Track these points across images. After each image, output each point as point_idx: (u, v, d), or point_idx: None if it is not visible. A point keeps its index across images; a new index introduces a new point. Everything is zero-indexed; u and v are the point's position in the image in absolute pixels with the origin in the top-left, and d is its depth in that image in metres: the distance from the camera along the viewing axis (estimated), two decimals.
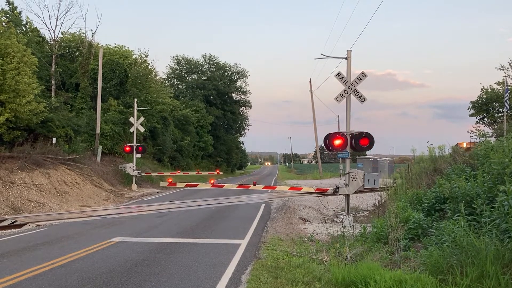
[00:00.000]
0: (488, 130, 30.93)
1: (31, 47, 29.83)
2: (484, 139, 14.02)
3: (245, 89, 58.50)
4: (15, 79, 23.40)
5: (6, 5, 35.16)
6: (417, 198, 12.01)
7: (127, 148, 28.94)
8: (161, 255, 9.47)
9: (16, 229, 13.24)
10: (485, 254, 6.27)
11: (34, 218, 14.91)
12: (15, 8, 35.64)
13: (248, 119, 63.19)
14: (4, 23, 28.11)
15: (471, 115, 37.38)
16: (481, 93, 35.87)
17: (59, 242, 10.97)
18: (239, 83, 58.13)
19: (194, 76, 55.26)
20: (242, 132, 66.57)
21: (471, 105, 37.05)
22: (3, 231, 12.86)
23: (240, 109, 58.47)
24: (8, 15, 33.53)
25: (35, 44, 33.30)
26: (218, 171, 36.45)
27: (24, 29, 35.58)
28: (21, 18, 35.99)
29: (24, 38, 29.36)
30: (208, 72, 55.45)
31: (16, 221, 14.19)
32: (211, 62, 56.43)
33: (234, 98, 57.05)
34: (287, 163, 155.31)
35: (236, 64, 59.57)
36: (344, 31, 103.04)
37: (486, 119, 36.27)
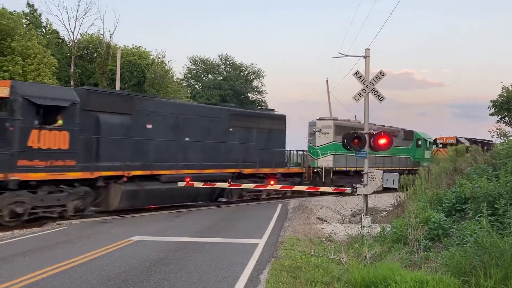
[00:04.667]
0: (510, 129, 30.32)
1: (50, 48, 30.36)
2: (505, 138, 13.75)
3: (261, 89, 58.51)
4: (35, 80, 23.79)
5: (26, 7, 35.82)
6: (437, 198, 11.86)
7: None
8: (180, 254, 9.51)
9: (37, 228, 13.44)
10: (509, 255, 6.14)
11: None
12: (35, 10, 36.28)
13: None
14: (25, 25, 28.60)
15: (492, 114, 36.76)
16: (502, 92, 35.25)
17: (79, 240, 11.11)
18: (255, 83, 58.20)
19: (210, 76, 55.48)
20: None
21: (492, 104, 36.44)
22: (24, 230, 13.07)
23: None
24: (28, 18, 34.13)
25: (54, 46, 33.85)
26: None
27: (44, 31, 36.19)
28: (41, 20, 36.65)
29: (44, 40, 29.89)
30: (225, 72, 55.63)
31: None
32: (227, 62, 56.59)
33: (251, 98, 57.08)
34: None
35: (252, 64, 59.44)
36: (361, 30, 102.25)
37: (507, 118, 35.63)
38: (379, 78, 13.09)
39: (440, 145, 38.00)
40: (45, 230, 13.11)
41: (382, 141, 12.76)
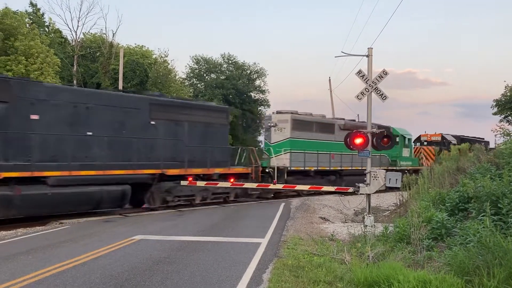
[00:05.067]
0: None
1: (53, 47, 30.41)
2: (509, 137, 13.71)
3: (263, 88, 58.39)
4: (38, 79, 23.83)
5: (29, 7, 35.90)
6: (440, 197, 11.82)
7: None
8: (182, 253, 9.52)
9: (40, 227, 13.48)
10: None
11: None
12: (39, 10, 36.37)
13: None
14: (28, 25, 28.67)
15: (495, 114, 36.68)
16: (505, 91, 35.16)
17: (82, 239, 11.13)
18: (257, 82, 58.02)
19: (213, 75, 55.39)
20: (261, 131, 66.45)
21: (495, 103, 36.35)
22: (27, 228, 13.10)
23: (259, 108, 58.41)
24: (31, 17, 34.20)
25: (57, 45, 33.90)
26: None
27: (47, 30, 36.28)
28: (44, 20, 36.72)
29: (47, 39, 29.96)
30: (227, 72, 55.54)
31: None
32: (230, 62, 56.49)
33: (253, 97, 56.97)
34: None
35: (255, 63, 59.32)
36: (364, 29, 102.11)
37: (510, 117, 35.54)
38: (382, 77, 13.08)
39: (425, 143, 36.50)
40: (48, 229, 13.14)
41: (386, 140, 12.75)
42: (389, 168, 27.96)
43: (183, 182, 16.47)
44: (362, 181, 19.70)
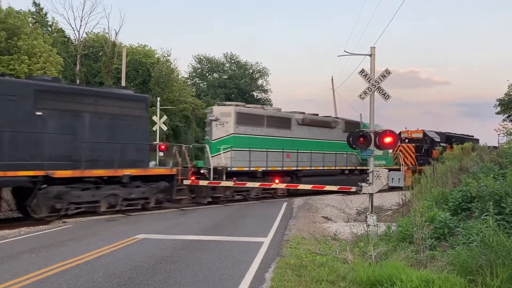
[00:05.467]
0: None
1: (56, 47, 30.47)
2: None
3: (266, 88, 58.43)
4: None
5: (32, 6, 35.97)
6: (443, 197, 11.80)
7: (162, 147, 28.04)
8: (185, 252, 9.53)
9: (43, 226, 13.51)
10: None
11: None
12: (41, 9, 36.42)
13: None
14: (31, 24, 28.73)
15: (498, 113, 36.51)
16: (508, 90, 35.01)
17: (85, 238, 11.16)
18: (260, 81, 58.09)
19: (215, 75, 55.46)
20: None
21: (498, 102, 36.20)
22: (30, 227, 13.14)
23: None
24: (34, 16, 34.26)
25: (60, 44, 33.97)
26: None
27: (50, 29, 36.33)
28: (47, 19, 36.77)
29: (50, 39, 30.00)
30: (229, 71, 55.60)
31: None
32: (232, 61, 56.55)
33: (255, 96, 57.01)
34: None
35: (257, 63, 59.30)
36: (367, 28, 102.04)
37: None
38: (385, 76, 13.06)
39: (406, 140, 34.28)
40: (51, 228, 13.18)
41: (388, 139, 12.73)
42: (357, 168, 26.27)
43: (185, 182, 16.43)
44: (324, 182, 19.16)
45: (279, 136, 22.15)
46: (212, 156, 19.60)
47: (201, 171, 19.36)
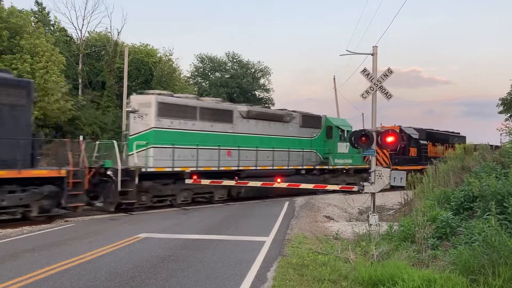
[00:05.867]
0: None
1: (59, 46, 30.55)
2: None
3: (268, 87, 58.41)
4: (43, 78, 23.97)
5: (35, 5, 36.05)
6: (445, 196, 11.79)
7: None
8: (187, 251, 9.55)
9: (46, 224, 13.54)
10: None
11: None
12: (44, 8, 36.53)
13: None
14: (33, 24, 28.79)
15: (500, 112, 36.38)
16: (511, 90, 34.91)
17: (87, 237, 11.18)
18: (262, 80, 58.05)
19: (217, 74, 55.46)
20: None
21: (500, 102, 36.09)
22: (33, 226, 13.17)
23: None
24: (37, 16, 34.35)
25: (62, 44, 34.06)
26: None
27: (52, 28, 36.43)
28: (49, 18, 36.89)
29: (52, 38, 30.10)
30: (232, 70, 55.59)
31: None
32: (234, 60, 56.52)
33: (257, 96, 57.00)
34: None
35: (259, 62, 59.30)
36: (369, 27, 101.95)
37: None
38: (387, 75, 13.02)
39: None
40: (53, 227, 13.20)
41: (390, 139, 12.71)
42: (316, 167, 23.54)
43: (187, 181, 16.44)
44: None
45: (217, 131, 19.23)
46: (129, 155, 16.69)
47: (107, 173, 15.85)
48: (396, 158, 29.06)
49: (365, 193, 13.40)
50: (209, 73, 55.86)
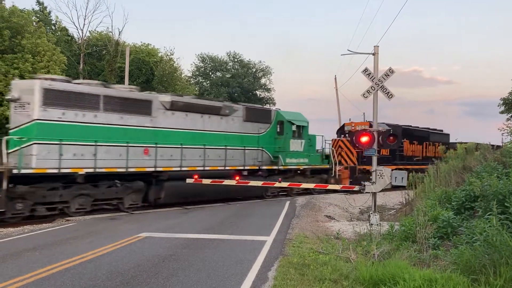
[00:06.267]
0: None
1: (60, 46, 30.57)
2: None
3: (269, 87, 58.40)
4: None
5: (36, 5, 36.07)
6: (446, 196, 11.78)
7: None
8: (188, 251, 9.55)
9: (47, 224, 13.55)
10: None
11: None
12: (45, 8, 36.55)
13: None
14: (35, 23, 28.82)
15: (502, 112, 36.31)
16: None
17: (88, 236, 11.19)
18: (263, 80, 58.07)
19: (218, 73, 55.48)
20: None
21: (502, 101, 36.04)
22: (34, 225, 13.19)
23: (264, 106, 58.57)
24: (38, 15, 34.37)
25: (64, 43, 34.07)
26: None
27: (54, 28, 36.44)
28: (51, 18, 36.88)
29: (54, 37, 30.12)
30: (233, 70, 55.60)
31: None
32: (236, 60, 56.53)
33: (258, 95, 57.02)
34: None
35: (260, 61, 59.34)
36: (370, 27, 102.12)
37: None
38: (388, 75, 13.04)
39: (348, 134, 29.15)
40: (54, 226, 13.22)
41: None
42: (262, 168, 20.75)
43: (188, 180, 16.40)
44: (202, 189, 16.25)
45: (130, 124, 16.10)
46: (9, 152, 13.86)
47: None
48: (364, 157, 25.89)
49: (366, 192, 13.41)
50: (210, 73, 55.87)
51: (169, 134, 17.42)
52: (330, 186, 16.83)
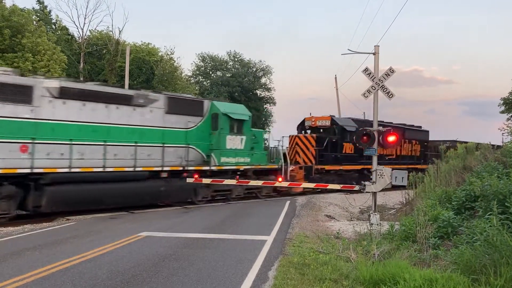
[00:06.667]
0: None
1: (60, 45, 30.60)
2: None
3: (269, 86, 58.35)
4: (45, 76, 23.92)
5: (36, 4, 36.07)
6: (447, 196, 11.78)
7: None
8: (188, 250, 9.55)
9: (47, 223, 13.55)
10: None
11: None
12: (45, 7, 36.57)
13: (272, 116, 63.17)
14: (35, 22, 28.83)
15: (502, 112, 36.31)
16: None
17: (88, 236, 11.19)
18: (263, 79, 57.98)
19: (218, 73, 55.43)
20: (267, 129, 65.93)
21: (502, 101, 36.03)
22: (34, 225, 13.19)
23: (265, 106, 58.43)
24: (38, 14, 34.37)
25: (64, 42, 34.09)
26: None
27: (54, 27, 36.47)
28: (51, 17, 36.91)
29: (54, 36, 30.14)
30: (233, 69, 55.54)
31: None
32: (236, 59, 56.50)
33: (259, 95, 56.98)
34: None
35: (260, 61, 59.22)
36: (371, 26, 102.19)
37: None
38: (389, 75, 13.02)
39: (308, 130, 25.92)
40: (54, 225, 13.22)
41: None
42: (188, 168, 17.29)
43: (188, 180, 16.37)
44: (102, 194, 14.05)
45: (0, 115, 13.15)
46: None
47: None
48: (323, 156, 24.12)
49: (366, 192, 13.41)
50: (211, 72, 55.85)
51: (57, 128, 14.26)
52: (330, 186, 16.81)
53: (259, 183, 16.56)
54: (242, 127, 19.78)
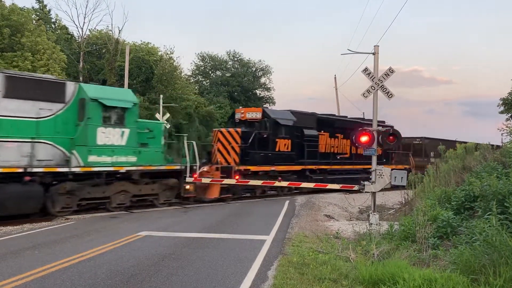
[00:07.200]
0: None
1: (60, 44, 30.61)
2: None
3: (269, 86, 58.39)
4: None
5: (36, 3, 36.07)
6: (446, 196, 11.78)
7: None
8: (188, 250, 9.55)
9: (46, 222, 13.55)
10: None
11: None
12: (45, 6, 36.56)
13: None
14: (34, 21, 28.82)
15: (501, 112, 36.34)
16: None
17: (88, 235, 11.19)
18: (263, 79, 58.04)
19: (218, 72, 55.45)
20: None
21: (501, 101, 36.05)
22: (33, 224, 13.18)
23: (264, 106, 58.52)
24: (38, 13, 34.37)
25: (63, 41, 34.10)
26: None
27: (53, 26, 36.47)
28: (50, 16, 36.92)
29: (54, 36, 30.13)
30: (232, 69, 55.55)
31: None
32: (235, 59, 56.50)
33: (258, 94, 57.01)
34: None
35: (260, 61, 59.32)
36: (370, 26, 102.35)
37: None
38: (388, 75, 13.04)
39: (242, 125, 21.74)
40: (54, 224, 13.21)
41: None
42: (35, 171, 13.16)
43: (188, 179, 16.37)
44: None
45: None
46: None
47: None
48: (248, 154, 20.17)
49: (365, 192, 13.42)
50: (210, 72, 55.86)
51: None
52: (330, 186, 16.82)
53: (258, 183, 16.54)
54: (124, 117, 15.33)
